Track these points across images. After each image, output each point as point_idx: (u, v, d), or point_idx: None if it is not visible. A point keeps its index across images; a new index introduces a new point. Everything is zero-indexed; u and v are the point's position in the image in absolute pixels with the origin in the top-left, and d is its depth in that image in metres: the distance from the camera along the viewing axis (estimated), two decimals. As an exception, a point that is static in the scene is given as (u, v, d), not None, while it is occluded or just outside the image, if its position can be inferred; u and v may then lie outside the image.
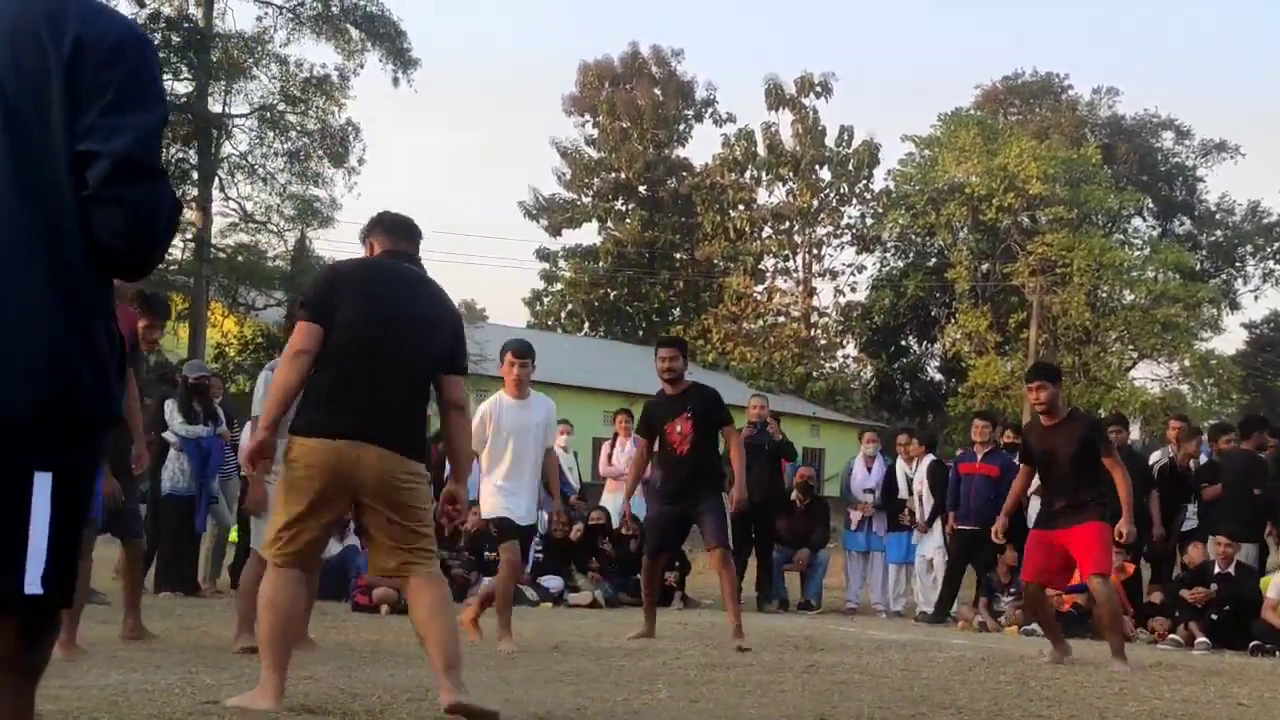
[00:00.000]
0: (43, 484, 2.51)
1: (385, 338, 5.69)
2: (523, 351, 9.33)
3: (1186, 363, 49.53)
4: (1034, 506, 14.19)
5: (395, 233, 6.19)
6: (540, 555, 14.38)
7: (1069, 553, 9.51)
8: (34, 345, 2.47)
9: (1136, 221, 54.24)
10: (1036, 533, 9.83)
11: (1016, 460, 11.04)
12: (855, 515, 15.56)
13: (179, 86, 33.08)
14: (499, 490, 9.19)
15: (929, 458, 15.28)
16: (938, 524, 14.70)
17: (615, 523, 14.79)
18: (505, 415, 9.20)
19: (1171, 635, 12.15)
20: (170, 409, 12.63)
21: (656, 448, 10.29)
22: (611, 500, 15.59)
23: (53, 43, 2.51)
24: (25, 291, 2.48)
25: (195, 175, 33.64)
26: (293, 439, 5.63)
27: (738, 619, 9.85)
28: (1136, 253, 50.32)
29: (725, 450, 10.48)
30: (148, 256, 2.58)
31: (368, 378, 5.63)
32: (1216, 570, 12.43)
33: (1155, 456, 14.87)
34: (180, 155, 33.78)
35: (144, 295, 8.76)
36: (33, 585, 2.51)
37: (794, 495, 15.73)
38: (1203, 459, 14.34)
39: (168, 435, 12.50)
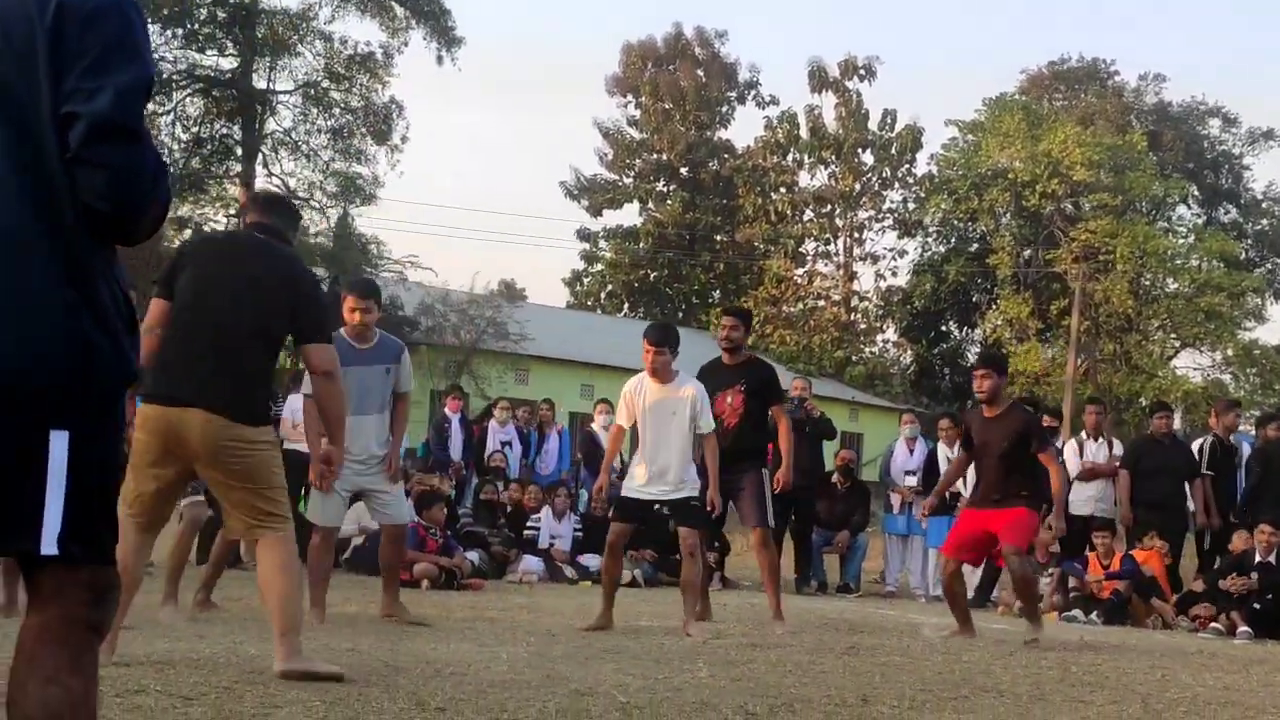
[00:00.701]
0: (59, 443, 2.52)
1: (212, 305, 5.84)
2: (657, 340, 9.08)
3: (1229, 352, 49.18)
4: (1081, 491, 14.26)
5: (263, 208, 6.39)
6: (580, 533, 14.43)
7: (990, 532, 9.55)
8: (41, 311, 2.50)
9: (1181, 209, 53.90)
10: (966, 511, 10.01)
11: (957, 448, 11.24)
12: (896, 499, 15.53)
13: (224, 62, 33.24)
14: (636, 473, 9.16)
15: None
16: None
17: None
18: (644, 399, 9.13)
19: (1213, 624, 12.09)
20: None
21: None
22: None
23: (38, 11, 2.54)
24: (27, 260, 2.50)
25: (239, 151, 33.78)
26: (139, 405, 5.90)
27: (778, 602, 9.77)
28: (1181, 241, 49.94)
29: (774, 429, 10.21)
30: (134, 218, 2.58)
31: (196, 344, 5.80)
32: (1258, 559, 12.36)
33: (1197, 444, 14.79)
34: (225, 131, 33.92)
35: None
36: (49, 546, 2.53)
37: (834, 477, 15.72)
38: (1245, 448, 14.29)
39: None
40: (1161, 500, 13.69)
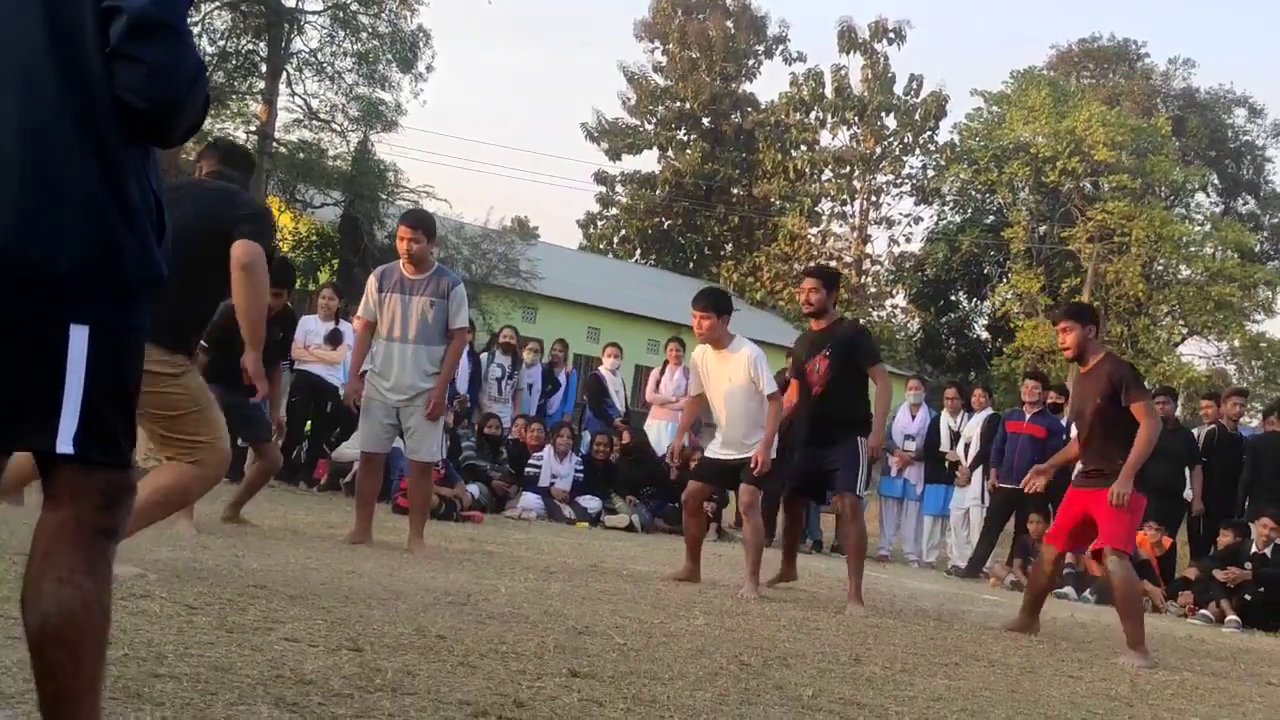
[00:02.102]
0: (79, 337, 2.50)
1: None
2: (703, 305, 9.12)
3: (1236, 343, 49.18)
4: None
5: (217, 156, 6.52)
6: (581, 474, 14.49)
7: (1092, 518, 8.29)
8: (67, 202, 2.48)
9: (1200, 197, 53.75)
10: (1072, 491, 8.60)
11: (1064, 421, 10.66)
12: (894, 461, 15.57)
13: (255, -23, 33.04)
14: (717, 436, 9.30)
15: (987, 410, 15.27)
16: (978, 477, 14.70)
17: (661, 450, 14.90)
18: (706, 366, 9.21)
19: (1202, 611, 12.15)
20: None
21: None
22: (655, 427, 15.67)
23: None
24: (60, 153, 2.49)
25: (264, 68, 33.64)
26: None
27: (858, 582, 8.84)
28: (1197, 228, 49.79)
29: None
30: (171, 117, 2.55)
31: None
32: (1254, 551, 12.40)
33: (1199, 431, 14.79)
34: (250, 47, 33.76)
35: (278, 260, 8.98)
36: (65, 444, 2.52)
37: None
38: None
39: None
40: (1160, 485, 13.68)
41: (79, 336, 2.52)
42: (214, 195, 6.14)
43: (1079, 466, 8.63)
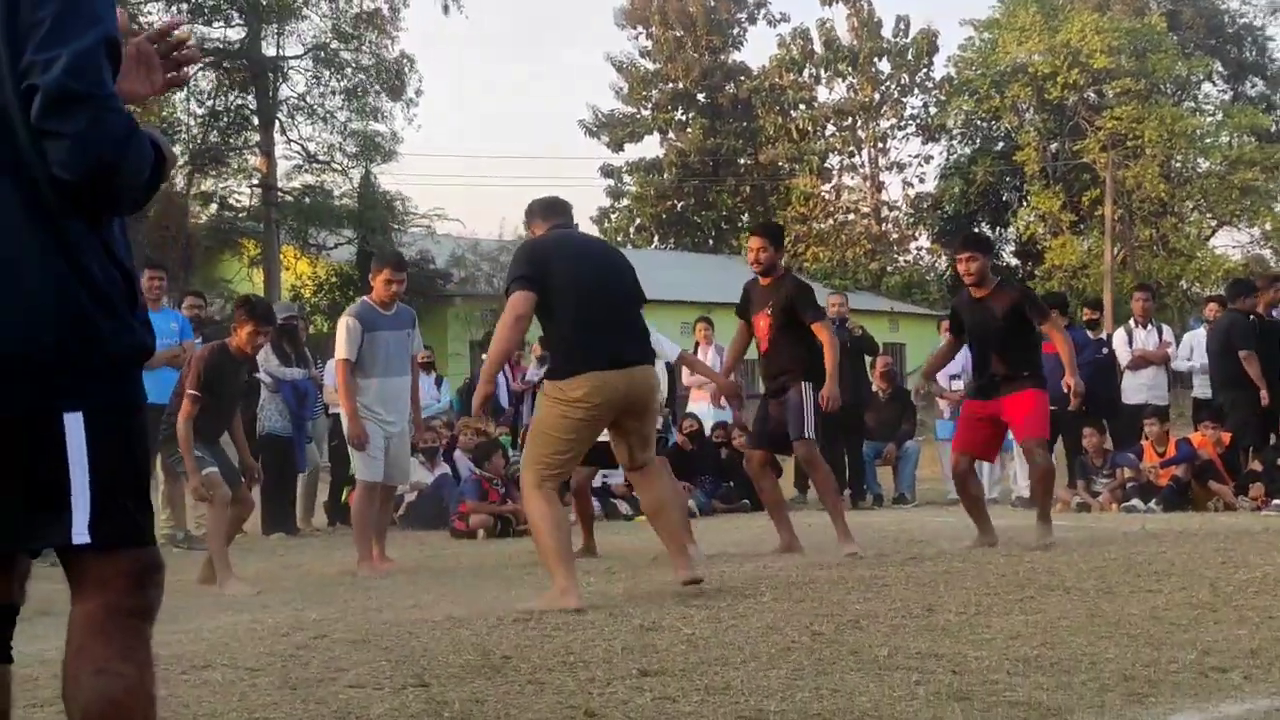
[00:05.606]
0: (74, 424, 2.46)
1: None
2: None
3: (1268, 226, 48.72)
4: (1133, 380, 14.14)
5: None
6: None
7: (1000, 422, 9.37)
8: (31, 291, 2.43)
9: (1207, 87, 53.19)
10: (969, 402, 9.81)
11: (944, 331, 10.99)
12: (944, 404, 15.42)
13: (231, 33, 33.10)
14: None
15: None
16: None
17: (708, 429, 14.84)
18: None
19: (1275, 501, 11.98)
20: (265, 352, 12.63)
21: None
22: (698, 409, 15.58)
23: None
24: (13, 239, 2.45)
25: (255, 120, 33.72)
26: None
27: (842, 521, 9.20)
28: (1209, 119, 49.35)
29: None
30: (106, 185, 2.47)
31: None
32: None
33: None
34: (239, 102, 33.84)
35: (248, 301, 8.85)
36: (80, 534, 2.47)
37: (875, 387, 15.65)
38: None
39: (262, 376, 12.50)
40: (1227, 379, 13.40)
41: (74, 423, 2.47)
42: None
43: (976, 381, 9.77)
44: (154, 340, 2.65)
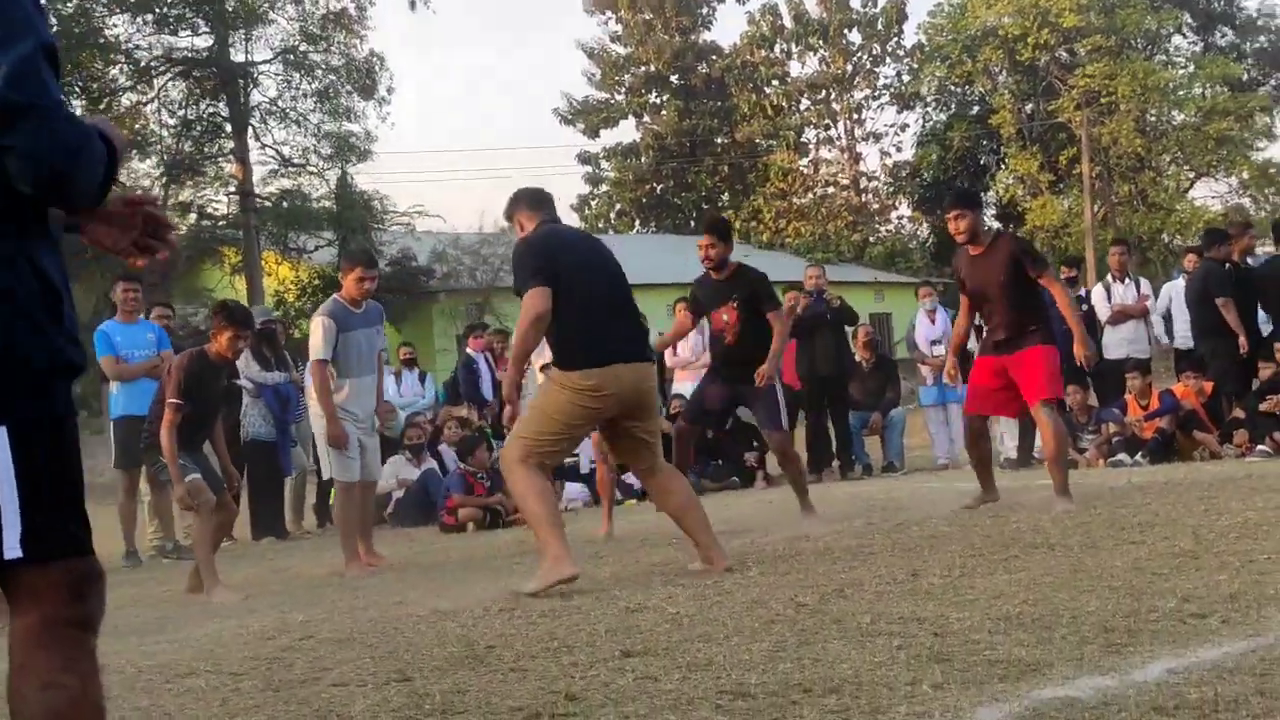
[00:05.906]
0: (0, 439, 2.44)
1: None
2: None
3: (1245, 175, 48.81)
4: (1114, 334, 14.13)
5: None
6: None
7: (1011, 379, 9.01)
8: None
9: (1177, 39, 53.35)
10: (980, 359, 9.38)
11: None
12: (926, 370, 15.43)
13: (199, 41, 33.07)
14: None
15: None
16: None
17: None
18: None
19: (1259, 447, 12.01)
20: (245, 358, 12.60)
21: (707, 330, 9.99)
22: (683, 389, 15.56)
23: None
24: None
25: (228, 128, 33.66)
26: None
27: (804, 495, 9.52)
28: (1181, 71, 49.46)
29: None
30: (61, 193, 2.46)
31: None
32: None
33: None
34: (211, 110, 33.78)
35: (225, 306, 8.79)
36: (11, 549, 2.44)
37: (858, 357, 15.65)
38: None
39: (243, 382, 12.49)
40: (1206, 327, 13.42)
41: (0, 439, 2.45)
42: None
43: (986, 338, 9.38)
44: (83, 357, 2.60)
